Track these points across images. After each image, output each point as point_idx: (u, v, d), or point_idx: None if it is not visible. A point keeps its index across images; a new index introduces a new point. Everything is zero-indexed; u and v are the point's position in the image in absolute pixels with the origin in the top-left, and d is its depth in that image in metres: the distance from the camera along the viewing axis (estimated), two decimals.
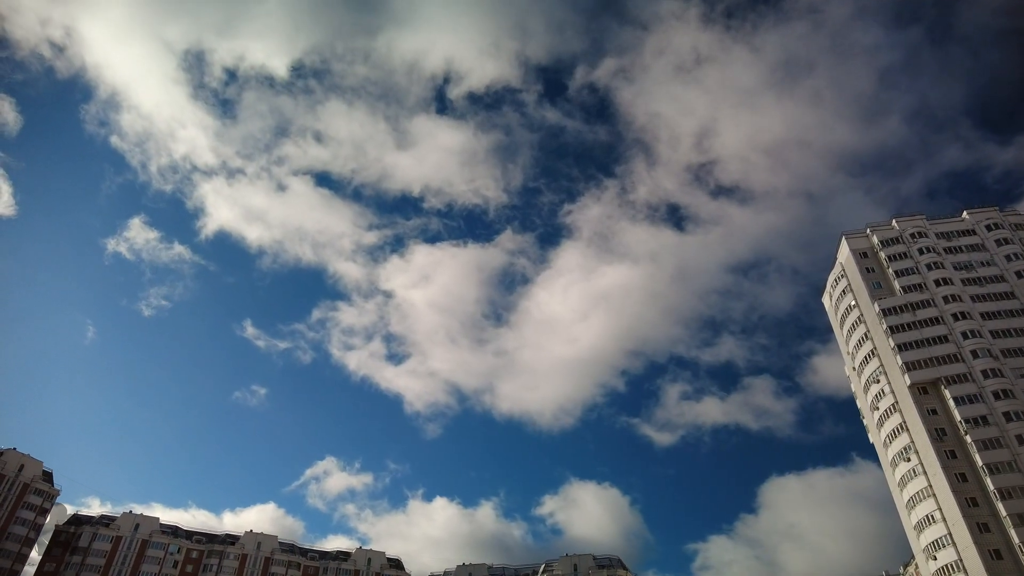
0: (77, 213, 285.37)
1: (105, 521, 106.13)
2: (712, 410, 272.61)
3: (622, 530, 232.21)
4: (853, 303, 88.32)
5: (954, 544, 68.44)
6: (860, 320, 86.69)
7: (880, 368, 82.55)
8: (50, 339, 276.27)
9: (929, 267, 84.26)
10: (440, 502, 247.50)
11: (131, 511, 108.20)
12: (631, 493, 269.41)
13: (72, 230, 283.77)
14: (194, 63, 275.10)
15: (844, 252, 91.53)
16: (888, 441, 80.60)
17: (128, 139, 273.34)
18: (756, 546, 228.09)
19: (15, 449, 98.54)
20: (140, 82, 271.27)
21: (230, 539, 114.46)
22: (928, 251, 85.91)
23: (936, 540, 71.44)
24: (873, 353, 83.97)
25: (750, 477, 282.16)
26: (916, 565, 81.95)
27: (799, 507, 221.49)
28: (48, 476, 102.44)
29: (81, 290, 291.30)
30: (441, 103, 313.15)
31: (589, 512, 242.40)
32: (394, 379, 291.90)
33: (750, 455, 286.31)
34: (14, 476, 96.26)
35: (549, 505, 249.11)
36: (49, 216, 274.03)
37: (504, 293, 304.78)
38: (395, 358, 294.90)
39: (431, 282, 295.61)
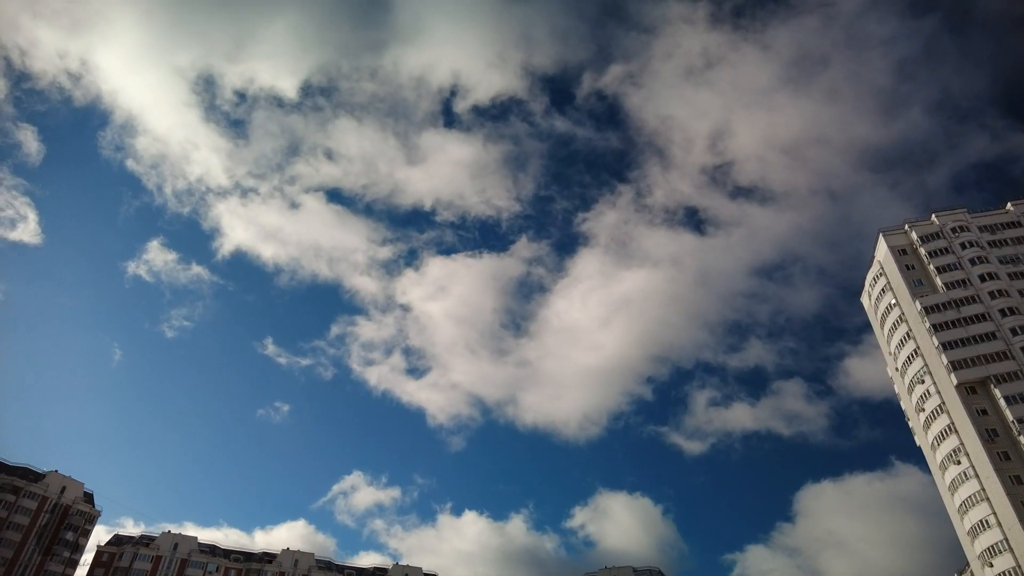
0: (98, 237, 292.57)
1: (145, 541, 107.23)
2: (742, 416, 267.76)
3: (656, 541, 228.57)
4: (893, 302, 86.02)
5: (1011, 550, 65.82)
6: (901, 319, 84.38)
7: (924, 368, 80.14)
8: (79, 362, 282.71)
9: (973, 262, 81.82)
10: (470, 516, 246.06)
11: (169, 531, 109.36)
12: (663, 503, 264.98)
13: (94, 254, 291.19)
14: (205, 87, 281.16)
15: (882, 250, 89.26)
16: (936, 444, 78.07)
17: (144, 162, 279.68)
18: (796, 555, 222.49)
19: (57, 471, 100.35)
20: (154, 107, 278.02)
21: (267, 557, 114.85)
22: (971, 245, 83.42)
23: (992, 546, 68.84)
24: (916, 353, 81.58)
25: (785, 484, 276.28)
26: (971, 572, 78.88)
27: (838, 514, 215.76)
28: (89, 497, 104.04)
29: (106, 313, 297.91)
30: (449, 116, 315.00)
31: (621, 523, 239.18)
32: (416, 393, 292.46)
33: (784, 462, 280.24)
34: (56, 498, 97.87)
35: (580, 517, 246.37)
36: (72, 241, 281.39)
37: (522, 302, 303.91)
38: (415, 372, 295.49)
39: (448, 294, 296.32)
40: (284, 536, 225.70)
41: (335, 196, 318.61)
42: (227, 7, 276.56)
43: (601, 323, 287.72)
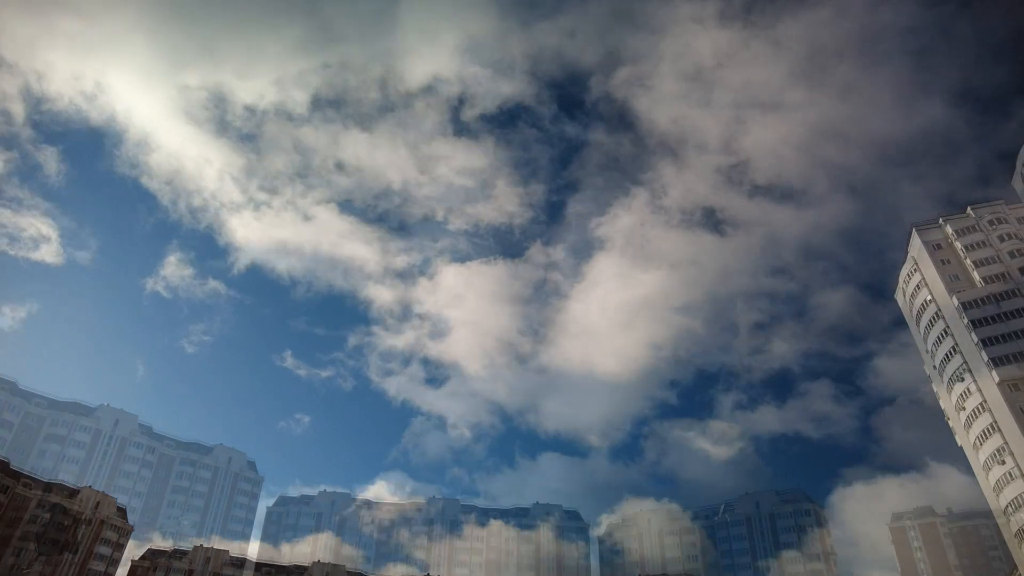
0: (117, 255, 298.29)
1: (178, 555, 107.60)
2: (769, 419, 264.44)
3: (686, 548, 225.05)
4: (929, 298, 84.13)
5: None
6: (938, 315, 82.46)
7: (964, 366, 78.14)
8: (104, 378, 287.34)
9: (1012, 255, 79.80)
10: (495, 525, 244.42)
11: (200, 545, 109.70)
12: (692, 508, 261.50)
13: (114, 272, 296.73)
14: (216, 103, 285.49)
15: (915, 245, 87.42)
16: (979, 444, 75.99)
17: (158, 179, 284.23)
18: (829, 559, 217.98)
19: (90, 487, 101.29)
20: (167, 124, 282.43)
21: (298, 569, 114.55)
22: (1010, 238, 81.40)
23: None
24: (955, 350, 79.60)
25: (815, 488, 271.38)
26: (1020, 575, 76.47)
27: (871, 518, 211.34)
28: (122, 512, 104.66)
29: (127, 330, 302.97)
30: (458, 125, 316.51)
31: (649, 530, 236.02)
32: (435, 402, 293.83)
33: (813, 465, 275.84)
34: (91, 513, 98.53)
35: (607, 524, 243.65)
36: (93, 260, 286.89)
37: (539, 308, 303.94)
38: (434, 381, 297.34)
39: (464, 301, 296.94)
40: (310, 548, 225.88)
41: (347, 207, 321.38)
42: (235, 25, 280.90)
43: (621, 327, 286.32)
